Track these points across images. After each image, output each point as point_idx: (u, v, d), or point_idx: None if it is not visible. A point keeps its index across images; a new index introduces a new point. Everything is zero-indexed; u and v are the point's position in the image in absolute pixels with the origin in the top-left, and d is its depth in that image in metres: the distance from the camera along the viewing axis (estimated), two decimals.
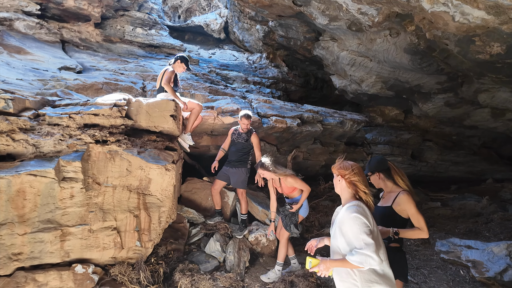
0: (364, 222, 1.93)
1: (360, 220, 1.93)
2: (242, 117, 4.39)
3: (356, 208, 1.98)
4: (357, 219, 1.93)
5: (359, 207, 1.99)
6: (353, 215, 1.95)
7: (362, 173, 2.14)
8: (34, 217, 3.04)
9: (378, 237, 2.01)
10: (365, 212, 1.98)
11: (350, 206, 2.02)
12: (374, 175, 2.73)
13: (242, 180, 4.42)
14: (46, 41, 6.71)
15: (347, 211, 2.00)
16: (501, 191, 7.84)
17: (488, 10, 3.32)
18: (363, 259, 1.87)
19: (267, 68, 9.83)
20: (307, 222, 5.46)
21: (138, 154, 3.54)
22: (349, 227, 1.95)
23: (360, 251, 1.88)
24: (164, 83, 4.28)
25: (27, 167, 3.03)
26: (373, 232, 1.96)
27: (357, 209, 1.98)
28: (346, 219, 1.98)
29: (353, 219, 1.94)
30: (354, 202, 2.04)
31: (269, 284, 3.81)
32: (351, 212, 1.97)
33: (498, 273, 3.90)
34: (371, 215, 2.02)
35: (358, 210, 1.97)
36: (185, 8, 11.79)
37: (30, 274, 2.99)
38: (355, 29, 5.80)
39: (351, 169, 2.11)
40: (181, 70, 4.61)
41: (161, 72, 4.51)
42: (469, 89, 5.84)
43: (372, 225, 1.97)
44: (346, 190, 2.12)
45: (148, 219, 3.53)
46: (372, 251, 1.87)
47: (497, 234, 5.47)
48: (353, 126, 7.05)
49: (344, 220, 1.99)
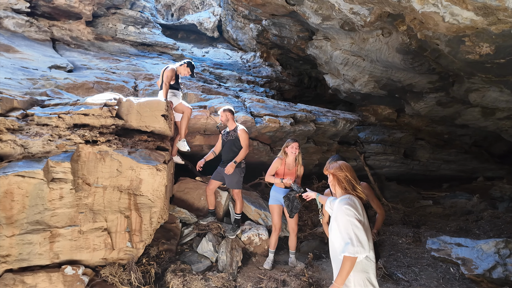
0: (354, 212, 2.11)
1: (350, 211, 2.11)
2: (221, 111, 4.50)
3: (347, 201, 2.18)
4: (347, 210, 2.12)
5: (349, 200, 2.18)
6: (344, 206, 2.14)
7: (350, 169, 2.34)
8: (23, 219, 3.00)
9: (368, 227, 2.19)
10: (355, 204, 2.17)
11: (342, 199, 2.22)
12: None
13: (236, 181, 4.41)
14: (36, 39, 6.62)
15: (339, 204, 2.20)
16: (491, 189, 7.95)
17: (476, 11, 3.35)
18: (354, 250, 2.03)
19: (261, 67, 9.82)
20: (300, 221, 5.47)
21: (128, 154, 3.51)
22: (341, 218, 2.14)
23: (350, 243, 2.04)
24: (165, 82, 4.31)
25: (15, 168, 2.99)
26: (364, 222, 2.13)
27: (348, 201, 2.17)
28: (339, 211, 2.17)
29: (344, 210, 2.13)
30: (346, 196, 2.24)
31: (262, 283, 3.82)
32: (343, 204, 2.17)
33: (487, 270, 3.96)
34: (361, 207, 2.20)
35: (349, 202, 2.16)
36: (178, 6, 11.72)
37: (19, 276, 2.95)
38: (347, 29, 5.82)
39: (338, 166, 2.34)
40: (185, 73, 4.65)
41: (161, 71, 4.52)
42: (460, 89, 5.90)
43: (362, 216, 2.15)
44: (338, 186, 2.32)
45: (139, 219, 3.51)
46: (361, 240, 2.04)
47: (486, 232, 5.55)
48: (346, 125, 7.08)
49: (337, 212, 2.19)
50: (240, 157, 4.34)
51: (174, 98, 4.51)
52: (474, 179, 8.86)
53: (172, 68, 4.48)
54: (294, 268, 4.13)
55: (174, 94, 4.52)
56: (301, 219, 5.52)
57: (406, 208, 6.98)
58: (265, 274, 4.01)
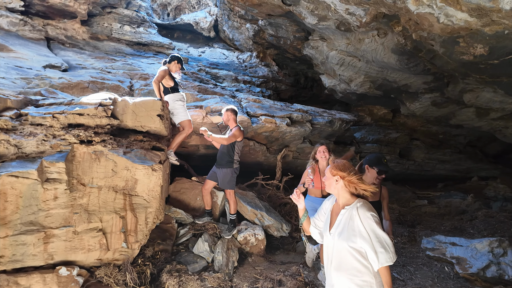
0: (378, 219, 1.99)
1: (376, 218, 1.99)
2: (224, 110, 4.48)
3: (369, 206, 2.04)
4: (374, 217, 1.98)
5: (367, 205, 2.04)
6: (368, 214, 1.99)
7: (357, 172, 2.16)
8: (16, 219, 2.97)
9: None
10: (374, 210, 2.05)
11: (361, 205, 2.03)
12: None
13: (228, 181, 4.40)
14: (30, 38, 6.56)
15: (361, 209, 2.00)
16: (486, 189, 8.04)
17: (470, 12, 3.38)
18: (390, 258, 1.95)
19: (257, 67, 9.82)
20: (296, 221, 5.49)
21: (123, 154, 3.49)
22: (369, 226, 1.97)
23: (385, 251, 1.94)
24: (153, 81, 4.27)
25: (8, 168, 2.96)
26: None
27: (370, 207, 2.04)
28: (364, 219, 1.98)
29: (370, 218, 1.98)
30: (361, 201, 2.06)
31: (258, 283, 3.82)
32: (366, 210, 2.00)
33: (480, 269, 4.00)
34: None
35: (371, 208, 2.03)
36: (174, 5, 11.68)
37: (12, 278, 2.92)
38: (343, 29, 5.84)
39: (348, 170, 2.11)
40: (176, 69, 4.63)
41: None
42: (455, 89, 5.94)
43: None
44: (345, 190, 2.11)
45: (134, 220, 3.49)
46: (392, 248, 1.97)
47: (481, 231, 5.60)
48: (342, 125, 7.10)
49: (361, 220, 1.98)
50: (217, 138, 4.18)
51: (182, 109, 4.47)
52: (468, 178, 8.94)
53: (165, 68, 4.43)
54: (290, 268, 4.14)
55: (183, 105, 4.48)
56: (297, 219, 5.53)
57: (401, 207, 7.03)
58: (261, 274, 4.01)
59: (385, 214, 3.06)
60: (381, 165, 2.87)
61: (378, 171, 2.84)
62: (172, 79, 4.51)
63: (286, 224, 5.05)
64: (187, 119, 4.51)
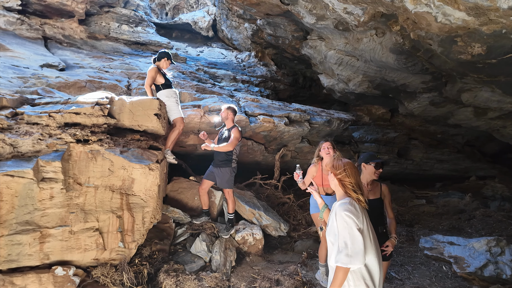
0: (353, 220, 1.94)
1: (349, 218, 1.94)
2: (224, 107, 4.47)
3: (347, 206, 2.00)
4: (346, 217, 1.95)
5: (350, 205, 2.01)
6: (344, 213, 1.97)
7: (354, 173, 2.13)
8: (12, 219, 2.95)
9: (368, 234, 2.01)
10: (356, 210, 2.00)
11: (342, 203, 2.05)
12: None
13: (226, 180, 4.38)
14: (27, 37, 6.53)
15: (339, 208, 2.02)
16: (484, 188, 8.06)
17: (468, 11, 3.37)
18: (347, 260, 1.88)
19: (256, 66, 9.80)
20: (294, 220, 5.48)
21: (120, 153, 3.47)
22: (338, 224, 1.98)
23: (344, 252, 1.90)
24: (145, 85, 4.31)
25: (3, 167, 2.94)
26: (363, 230, 1.96)
27: (348, 206, 2.00)
28: (337, 216, 2.00)
29: (343, 216, 1.96)
30: (347, 199, 2.06)
31: (255, 283, 3.81)
32: (342, 209, 1.99)
33: (478, 268, 4.00)
34: (362, 212, 2.03)
35: (349, 208, 1.99)
36: (173, 5, 11.66)
37: (8, 277, 2.90)
38: (342, 29, 5.83)
39: (343, 168, 2.13)
40: (167, 66, 4.59)
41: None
42: (453, 89, 5.95)
43: (362, 223, 1.98)
44: (339, 187, 2.15)
45: (131, 219, 3.47)
46: (356, 251, 1.89)
47: (478, 230, 5.61)
48: (340, 125, 7.10)
49: (336, 217, 2.02)
50: (219, 147, 4.18)
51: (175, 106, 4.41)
52: (466, 178, 8.96)
53: (154, 68, 4.38)
54: (287, 268, 4.13)
55: (176, 102, 4.43)
56: (295, 219, 5.53)
57: (399, 207, 7.03)
58: (259, 273, 4.00)
59: (388, 213, 3.03)
60: (376, 159, 2.91)
61: (375, 165, 2.86)
62: (162, 76, 4.44)
63: (284, 223, 5.04)
64: (179, 116, 4.45)
